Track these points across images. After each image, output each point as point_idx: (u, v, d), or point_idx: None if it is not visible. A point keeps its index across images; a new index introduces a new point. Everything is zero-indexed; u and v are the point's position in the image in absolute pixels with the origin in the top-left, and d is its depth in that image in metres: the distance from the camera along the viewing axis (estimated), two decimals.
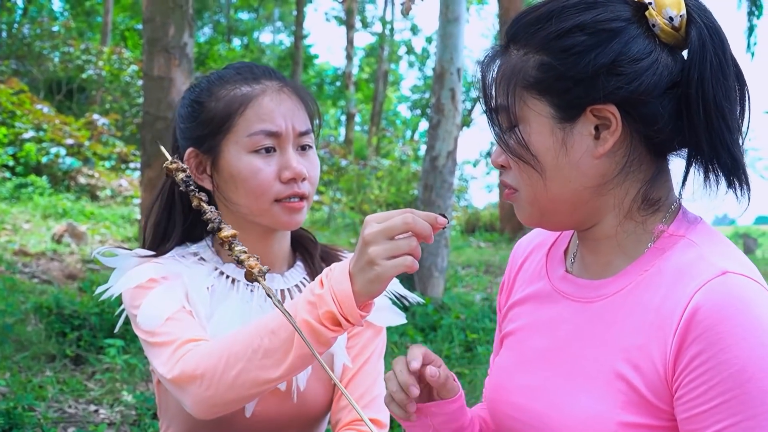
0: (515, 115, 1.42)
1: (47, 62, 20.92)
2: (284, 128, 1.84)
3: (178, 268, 1.90)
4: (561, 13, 1.38)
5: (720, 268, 1.32)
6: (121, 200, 15.88)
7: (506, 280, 1.76)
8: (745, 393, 1.24)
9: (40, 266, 8.96)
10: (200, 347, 1.67)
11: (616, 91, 1.34)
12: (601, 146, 1.38)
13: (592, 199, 1.43)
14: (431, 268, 8.35)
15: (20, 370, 5.55)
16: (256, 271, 1.49)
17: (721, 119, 1.35)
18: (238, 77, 1.89)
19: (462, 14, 8.55)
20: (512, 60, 1.42)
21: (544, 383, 1.49)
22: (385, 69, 32.39)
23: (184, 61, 6.74)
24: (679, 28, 1.37)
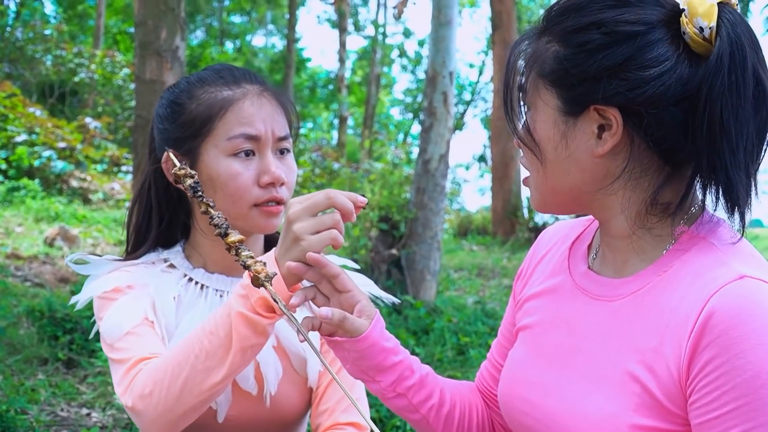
0: (527, 99, 1.44)
1: (39, 65, 20.88)
2: (264, 132, 1.83)
3: (146, 277, 1.91)
4: (587, 7, 1.38)
5: (738, 272, 1.30)
6: (113, 203, 15.85)
7: (525, 268, 1.75)
8: (759, 399, 1.23)
9: (33, 269, 8.95)
10: (149, 365, 1.67)
11: (617, 95, 1.33)
12: (601, 147, 1.38)
13: (595, 196, 1.44)
14: (423, 271, 8.35)
15: (12, 374, 5.54)
16: (262, 276, 1.49)
17: (724, 139, 1.30)
18: (219, 80, 1.88)
19: (454, 17, 8.57)
20: (539, 45, 1.43)
21: (558, 380, 1.48)
22: (378, 72, 32.40)
23: (176, 65, 6.74)
24: (711, 40, 1.32)
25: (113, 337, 1.79)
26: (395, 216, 8.39)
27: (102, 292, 1.87)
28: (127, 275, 1.90)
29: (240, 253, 1.53)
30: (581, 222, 1.70)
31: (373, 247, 8.40)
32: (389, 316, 7.74)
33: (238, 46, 38.05)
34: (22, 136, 15.70)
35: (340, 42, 30.37)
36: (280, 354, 1.90)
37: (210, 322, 1.61)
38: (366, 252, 8.39)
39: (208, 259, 1.95)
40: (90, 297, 1.90)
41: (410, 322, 7.58)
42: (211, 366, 1.59)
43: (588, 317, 1.49)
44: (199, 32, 36.99)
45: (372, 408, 5.12)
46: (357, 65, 39.64)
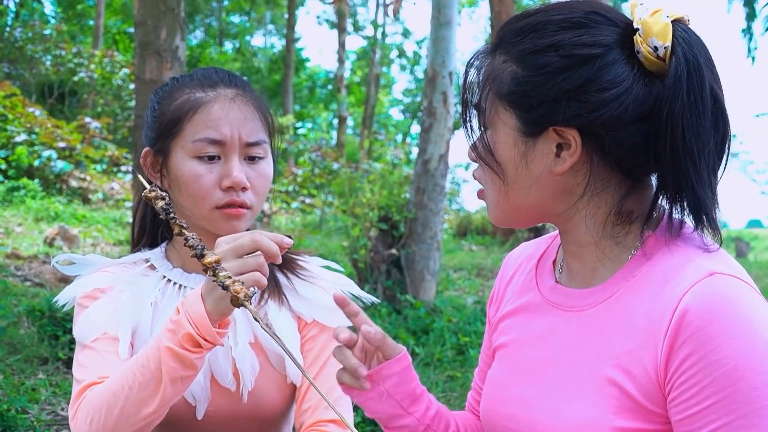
0: (486, 119, 1.45)
1: (39, 65, 20.88)
2: (229, 137, 1.85)
3: (126, 279, 1.95)
4: (543, 28, 1.39)
5: (707, 269, 1.33)
6: (112, 203, 15.86)
7: (496, 292, 1.77)
8: (738, 392, 1.25)
9: (33, 269, 8.95)
10: (91, 392, 1.71)
11: (576, 117, 1.35)
12: (560, 165, 1.40)
13: (559, 210, 1.46)
14: (423, 271, 8.36)
15: (13, 373, 5.55)
16: (242, 296, 1.51)
17: (688, 158, 1.33)
18: (196, 82, 1.91)
19: (454, 18, 8.58)
20: (494, 64, 1.44)
21: (538, 393, 1.49)
22: (377, 72, 32.40)
23: (175, 65, 6.75)
24: (665, 59, 1.35)
25: (79, 345, 1.86)
26: (395, 216, 8.39)
27: (81, 293, 1.93)
28: (108, 276, 1.95)
29: (218, 274, 1.54)
30: (544, 240, 1.72)
31: (372, 247, 8.41)
32: (389, 316, 7.75)
33: (237, 46, 38.05)
34: (21, 136, 15.70)
35: (339, 42, 30.38)
36: (257, 350, 1.92)
37: (142, 354, 1.65)
38: (366, 252, 8.39)
39: (185, 259, 1.98)
40: (71, 296, 1.96)
41: (410, 322, 7.59)
42: (143, 397, 1.62)
43: (561, 329, 1.51)
44: (198, 32, 37.00)
45: None
46: (356, 65, 39.65)
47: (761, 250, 30.86)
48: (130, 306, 1.90)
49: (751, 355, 1.25)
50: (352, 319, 1.59)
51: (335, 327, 1.62)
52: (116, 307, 1.89)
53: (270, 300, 1.97)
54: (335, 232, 14.43)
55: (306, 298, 2.00)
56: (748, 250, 23.68)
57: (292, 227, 16.31)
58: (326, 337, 1.98)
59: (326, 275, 2.07)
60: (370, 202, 8.64)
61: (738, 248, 22.98)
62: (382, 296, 8.15)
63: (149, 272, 1.98)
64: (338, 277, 2.09)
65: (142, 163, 1.96)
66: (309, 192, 18.43)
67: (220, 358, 1.88)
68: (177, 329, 1.60)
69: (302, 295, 2.00)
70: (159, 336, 1.63)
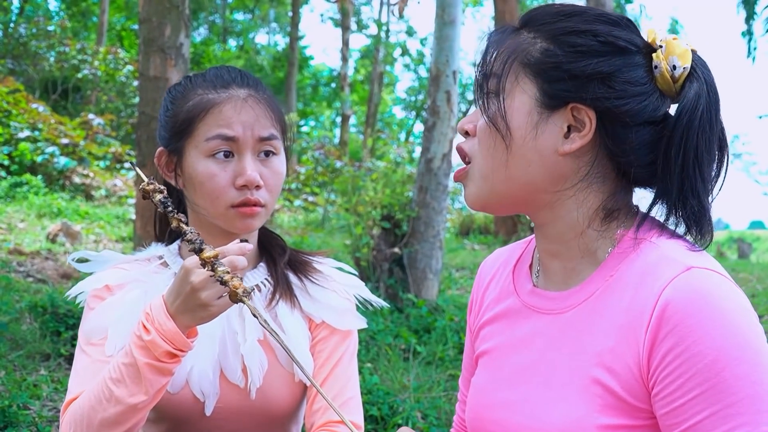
0: (504, 85, 1.46)
1: (43, 62, 20.91)
2: (242, 134, 1.87)
3: (138, 277, 1.98)
4: (582, 15, 1.45)
5: (684, 264, 1.36)
6: (115, 200, 15.87)
7: (475, 299, 1.79)
8: (722, 382, 1.27)
9: (35, 265, 8.96)
10: (73, 406, 1.77)
11: (602, 99, 1.40)
12: (568, 145, 1.43)
13: (550, 197, 1.48)
14: (425, 270, 8.35)
15: (15, 369, 5.55)
16: (240, 291, 1.52)
17: (697, 168, 1.40)
18: (209, 83, 1.93)
19: (458, 17, 8.57)
20: (520, 39, 1.47)
21: (523, 396, 1.50)
22: (381, 71, 32.41)
23: (180, 62, 6.74)
24: (677, 80, 1.43)
25: (79, 343, 1.90)
26: (397, 214, 8.39)
27: (92, 289, 1.96)
28: (120, 274, 1.98)
29: (216, 269, 1.55)
30: (519, 245, 1.75)
31: (375, 246, 8.40)
32: (391, 315, 7.74)
33: (241, 43, 38.06)
34: (25, 132, 15.72)
35: (342, 40, 30.39)
36: (265, 348, 1.93)
37: (115, 370, 1.71)
38: (368, 250, 8.39)
39: None
40: (82, 290, 1.99)
41: (412, 321, 7.59)
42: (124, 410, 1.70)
43: (542, 332, 1.53)
44: (202, 29, 37.01)
45: (374, 406, 5.13)
46: (360, 64, 39.66)
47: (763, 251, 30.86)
48: (139, 305, 1.91)
49: (732, 345, 1.28)
50: None
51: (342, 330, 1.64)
52: (122, 310, 1.91)
53: (281, 301, 1.98)
54: (338, 230, 14.43)
55: (317, 300, 2.01)
56: (750, 251, 23.67)
57: (295, 225, 16.32)
58: (337, 339, 1.99)
59: (338, 277, 2.09)
60: (373, 201, 8.64)
61: (740, 249, 22.97)
62: (384, 295, 8.14)
63: (161, 270, 2.01)
64: (350, 279, 2.11)
65: (156, 162, 1.98)
66: (312, 190, 18.45)
67: (229, 354, 1.90)
68: (152, 347, 1.67)
69: (313, 297, 2.01)
70: (131, 352, 1.69)
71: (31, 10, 26.91)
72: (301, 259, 2.08)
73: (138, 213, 6.89)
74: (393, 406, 5.25)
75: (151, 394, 1.68)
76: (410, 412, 5.15)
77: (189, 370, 1.87)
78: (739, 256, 22.37)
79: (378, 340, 6.82)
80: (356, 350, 2.04)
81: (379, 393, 5.29)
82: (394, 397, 5.43)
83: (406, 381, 5.98)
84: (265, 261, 2.05)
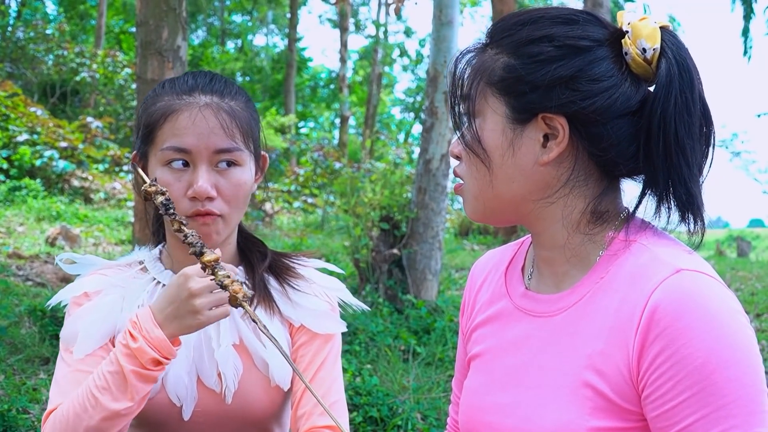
0: (474, 108, 1.47)
1: (41, 65, 20.91)
2: (195, 146, 1.84)
3: (117, 283, 1.98)
4: (537, 22, 1.44)
5: (674, 266, 1.35)
6: (114, 203, 15.87)
7: (467, 302, 1.79)
8: (712, 384, 1.27)
9: (34, 269, 8.95)
10: (55, 416, 1.77)
11: (568, 104, 1.39)
12: (546, 155, 1.43)
13: (536, 205, 1.48)
14: (425, 270, 8.35)
15: (14, 373, 5.55)
16: (240, 296, 1.52)
17: (681, 155, 1.38)
18: (175, 88, 1.91)
19: (455, 17, 8.57)
20: (485, 57, 1.47)
21: (514, 399, 1.50)
22: (379, 72, 32.41)
23: (177, 64, 6.74)
24: (651, 62, 1.41)
25: (60, 351, 1.92)
26: (396, 215, 8.39)
27: (72, 297, 1.97)
28: (98, 280, 1.98)
29: (216, 273, 1.55)
30: (510, 247, 1.75)
31: (374, 247, 8.40)
32: (390, 316, 7.74)
33: (239, 45, 38.07)
34: (23, 136, 15.72)
35: (341, 41, 30.40)
36: (241, 352, 1.93)
37: (99, 377, 1.72)
38: (367, 251, 8.39)
39: (175, 261, 1.99)
40: (62, 298, 2.00)
41: (411, 322, 7.59)
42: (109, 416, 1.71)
43: (533, 335, 1.53)
44: (200, 32, 37.01)
45: (373, 407, 5.13)
46: (358, 65, 39.65)
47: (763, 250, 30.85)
48: (115, 310, 1.92)
49: (723, 347, 1.28)
50: None
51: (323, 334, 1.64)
52: (95, 314, 1.92)
53: (260, 306, 1.97)
54: (337, 231, 14.43)
55: (296, 303, 2.00)
56: (749, 249, 23.67)
57: (294, 227, 16.32)
58: (319, 343, 1.98)
59: (319, 280, 2.07)
60: (372, 202, 8.64)
61: (739, 248, 22.96)
62: (383, 296, 8.14)
63: (141, 275, 2.01)
64: (331, 282, 2.09)
65: (133, 166, 1.98)
66: (311, 191, 18.45)
67: (205, 359, 1.90)
68: (139, 354, 1.69)
69: (293, 301, 2.00)
70: (116, 359, 1.71)
71: (29, 14, 26.90)
72: (282, 264, 2.07)
73: (137, 216, 6.89)
74: (392, 408, 5.25)
75: (136, 401, 1.70)
76: (410, 413, 5.15)
77: (164, 374, 1.87)
78: (739, 255, 22.37)
79: (378, 341, 6.82)
80: (339, 353, 2.03)
81: (378, 394, 5.29)
82: (394, 398, 5.43)
83: (405, 382, 5.98)
84: (244, 266, 2.04)
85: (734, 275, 13.97)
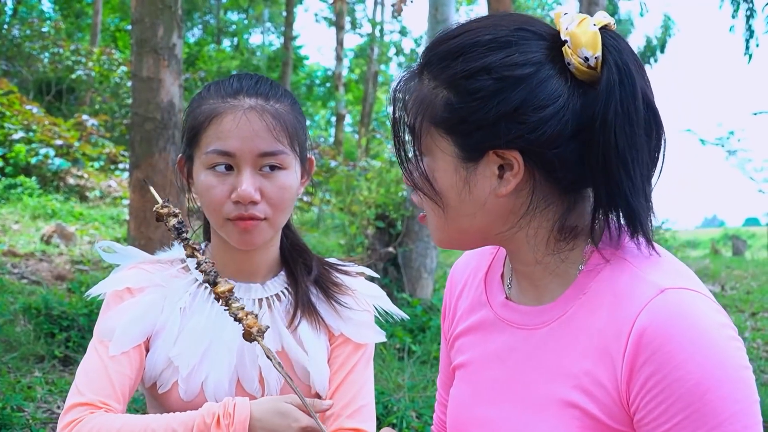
0: (422, 146, 1.41)
1: (37, 63, 20.88)
2: (239, 149, 1.82)
3: (157, 282, 1.96)
4: (471, 51, 1.35)
5: (658, 286, 1.32)
6: (110, 201, 15.85)
7: (448, 306, 1.76)
8: (706, 405, 1.25)
9: (29, 267, 8.95)
10: (86, 424, 1.75)
11: (517, 138, 1.32)
12: (504, 187, 1.37)
13: (502, 231, 1.44)
14: (420, 269, 8.35)
15: (9, 371, 5.55)
16: (254, 330, 1.50)
17: (621, 167, 1.31)
18: (220, 90, 1.89)
19: (451, 16, 8.57)
20: (423, 89, 1.40)
21: (500, 414, 1.49)
22: (375, 70, 32.40)
23: (173, 62, 6.74)
24: (596, 68, 1.33)
25: (94, 341, 1.88)
26: (392, 214, 8.39)
27: (114, 290, 1.94)
28: (141, 275, 1.96)
29: (230, 304, 1.52)
30: (488, 251, 1.70)
31: (369, 245, 8.40)
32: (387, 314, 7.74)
33: (235, 43, 38.01)
34: (19, 134, 15.70)
35: (337, 40, 30.36)
36: (283, 360, 1.92)
37: (176, 420, 1.73)
38: (363, 250, 8.39)
39: (218, 262, 1.97)
40: (104, 290, 1.96)
41: (407, 320, 7.59)
42: None
43: (516, 348, 1.50)
44: (196, 30, 36.97)
45: None
46: (354, 63, 39.65)
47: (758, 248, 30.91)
48: (156, 310, 1.92)
49: (713, 366, 1.26)
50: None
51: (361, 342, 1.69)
52: (136, 312, 1.90)
53: (303, 320, 1.97)
54: (332, 229, 14.41)
55: (338, 313, 2.00)
56: (745, 248, 23.72)
57: None
58: (351, 347, 1.99)
59: (360, 287, 2.07)
60: (368, 200, 8.64)
61: (735, 246, 23.02)
62: None
63: (183, 274, 1.99)
64: (372, 289, 2.09)
65: (178, 168, 1.98)
66: (307, 189, 18.43)
67: (247, 364, 1.90)
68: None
69: (334, 308, 2.00)
70: (190, 429, 1.70)
71: (25, 12, 26.86)
72: (327, 277, 2.05)
73: (132, 214, 6.88)
74: (388, 406, 5.25)
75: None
76: (405, 412, 5.15)
77: (204, 378, 1.87)
78: (734, 253, 22.41)
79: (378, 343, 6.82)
80: (371, 358, 2.04)
81: None
82: (389, 396, 5.43)
83: (400, 380, 5.98)
84: (286, 274, 2.03)
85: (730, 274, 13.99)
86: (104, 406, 1.79)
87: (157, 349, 1.90)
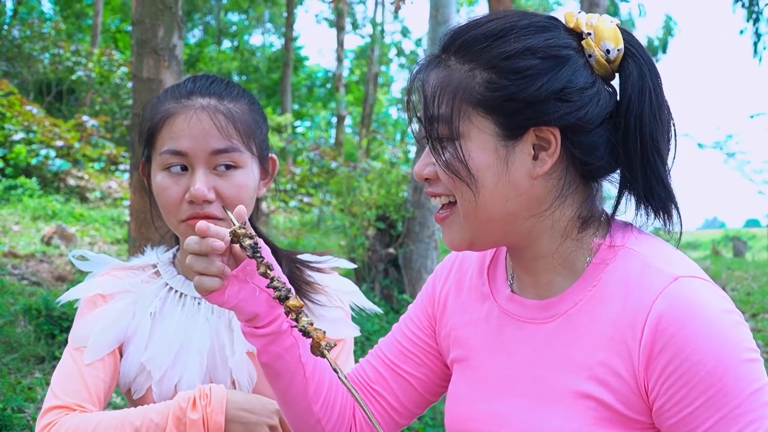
0: (457, 130, 1.40)
1: (37, 64, 20.86)
2: (191, 148, 1.82)
3: (127, 288, 1.97)
4: (509, 34, 1.39)
5: (670, 274, 1.36)
6: (110, 202, 15.84)
7: (439, 289, 1.73)
8: (726, 386, 1.28)
9: (30, 268, 8.94)
10: (63, 424, 1.77)
11: (565, 116, 1.37)
12: (539, 167, 1.40)
13: (526, 221, 1.44)
14: (420, 270, 8.35)
15: (9, 372, 5.54)
16: (323, 344, 1.49)
17: (656, 153, 1.39)
18: (176, 92, 1.90)
19: (452, 16, 8.57)
20: (454, 73, 1.41)
21: (512, 408, 1.48)
22: (376, 71, 32.38)
23: (173, 63, 6.73)
24: (614, 62, 1.40)
25: (69, 347, 1.91)
26: (392, 215, 8.39)
27: (85, 297, 1.96)
28: (112, 282, 1.98)
29: (300, 319, 1.52)
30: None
31: (370, 246, 8.40)
32: (386, 315, 7.74)
33: (235, 44, 38.02)
34: (19, 135, 15.68)
35: (338, 41, 30.38)
36: (254, 360, 1.92)
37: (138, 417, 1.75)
38: (363, 251, 8.39)
39: (183, 266, 1.98)
40: (75, 297, 1.99)
41: None
42: None
43: (524, 342, 1.51)
44: (196, 31, 36.98)
45: None
46: (355, 64, 39.65)
47: (759, 250, 30.90)
48: (127, 316, 1.93)
49: (728, 349, 1.30)
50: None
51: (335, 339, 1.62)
52: (107, 319, 1.92)
53: None
54: (333, 231, 14.41)
55: (310, 310, 1.98)
56: (745, 249, 23.71)
57: (290, 226, 16.31)
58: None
59: (333, 283, 2.06)
60: (368, 201, 8.64)
61: (735, 248, 23.01)
62: (379, 295, 8.15)
63: (153, 279, 2.00)
64: (345, 284, 2.08)
65: (140, 172, 1.98)
66: (307, 191, 18.43)
67: (218, 366, 1.90)
68: (190, 427, 1.72)
69: (307, 307, 1.98)
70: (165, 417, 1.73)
71: (25, 12, 26.86)
72: (297, 275, 2.03)
73: (132, 215, 6.87)
74: None
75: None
76: None
77: (177, 381, 1.87)
78: (735, 255, 22.40)
79: (373, 341, 6.82)
80: (351, 353, 2.03)
81: None
82: None
83: None
84: None
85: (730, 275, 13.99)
86: (79, 408, 1.80)
87: (130, 355, 1.91)
